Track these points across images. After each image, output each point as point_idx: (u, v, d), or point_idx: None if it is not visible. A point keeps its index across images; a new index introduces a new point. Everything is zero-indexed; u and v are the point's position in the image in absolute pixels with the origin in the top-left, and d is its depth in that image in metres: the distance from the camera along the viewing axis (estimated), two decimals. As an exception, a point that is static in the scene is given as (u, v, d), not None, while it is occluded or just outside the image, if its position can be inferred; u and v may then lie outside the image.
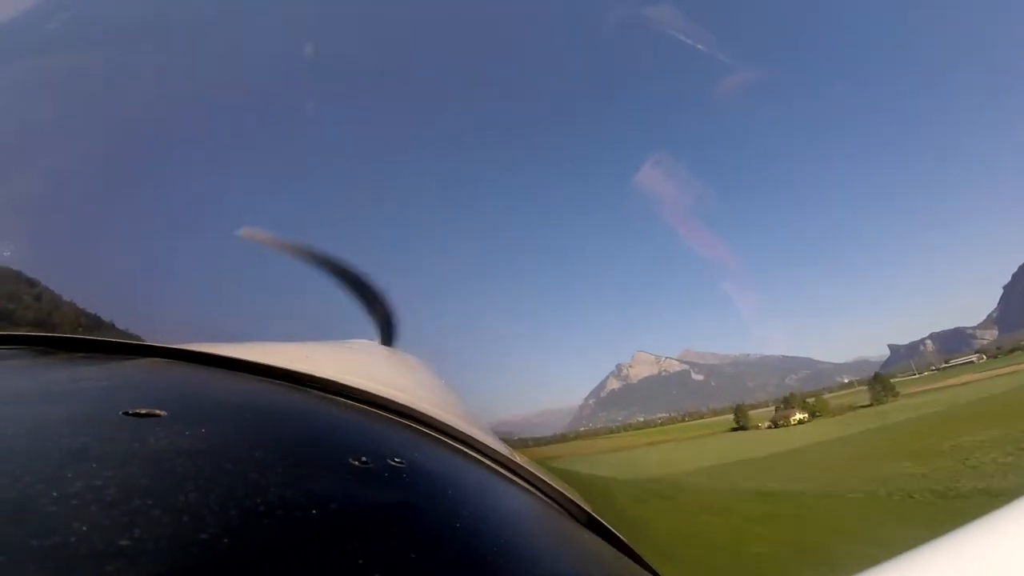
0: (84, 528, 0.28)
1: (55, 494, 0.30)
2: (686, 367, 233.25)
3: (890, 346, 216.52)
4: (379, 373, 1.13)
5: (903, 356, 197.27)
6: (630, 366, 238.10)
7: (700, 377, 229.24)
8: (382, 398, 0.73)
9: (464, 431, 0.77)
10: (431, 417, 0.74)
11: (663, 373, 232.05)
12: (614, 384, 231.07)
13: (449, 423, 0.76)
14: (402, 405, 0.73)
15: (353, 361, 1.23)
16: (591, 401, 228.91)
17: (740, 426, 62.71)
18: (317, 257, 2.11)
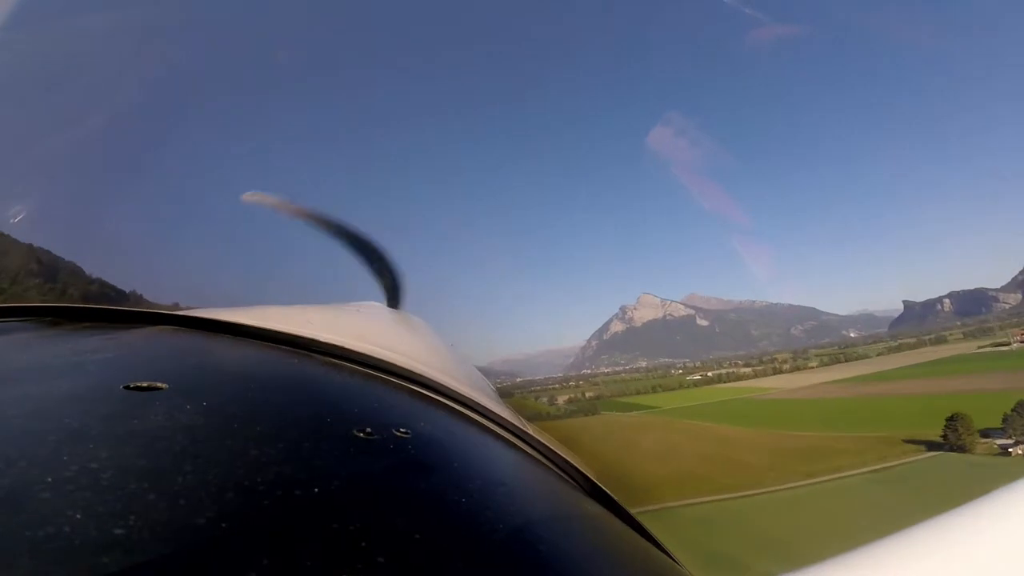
0: (78, 516, 0.27)
1: (49, 480, 0.29)
2: (691, 312, 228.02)
3: (905, 302, 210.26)
4: (385, 337, 1.07)
5: (917, 315, 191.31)
6: (635, 308, 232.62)
7: (705, 323, 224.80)
8: (388, 363, 0.71)
9: (469, 396, 0.75)
10: (436, 382, 0.73)
11: (668, 317, 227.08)
12: (618, 327, 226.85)
13: (454, 388, 0.74)
14: (408, 370, 0.72)
15: (359, 324, 1.18)
16: (594, 343, 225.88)
17: (952, 444, 34.72)
18: (322, 220, 2.07)
